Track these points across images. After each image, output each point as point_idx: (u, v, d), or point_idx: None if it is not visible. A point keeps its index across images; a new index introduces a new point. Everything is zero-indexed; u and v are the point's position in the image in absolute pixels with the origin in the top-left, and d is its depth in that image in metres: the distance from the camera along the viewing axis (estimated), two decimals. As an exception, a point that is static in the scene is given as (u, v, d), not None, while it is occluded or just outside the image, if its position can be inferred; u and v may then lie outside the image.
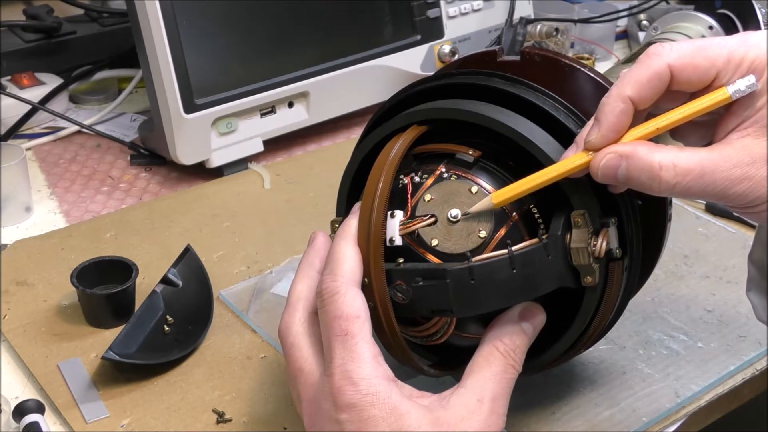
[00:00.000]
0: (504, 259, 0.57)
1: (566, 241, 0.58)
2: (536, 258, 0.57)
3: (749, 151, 0.53)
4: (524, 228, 0.59)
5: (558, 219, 0.58)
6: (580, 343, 0.64)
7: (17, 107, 1.07)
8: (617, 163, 0.55)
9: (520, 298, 0.59)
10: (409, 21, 1.11)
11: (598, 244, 0.57)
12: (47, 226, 0.93)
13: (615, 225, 0.59)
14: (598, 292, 0.60)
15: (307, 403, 0.58)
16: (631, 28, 1.34)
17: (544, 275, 0.58)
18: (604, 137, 0.55)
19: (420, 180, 0.61)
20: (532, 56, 0.65)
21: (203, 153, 0.99)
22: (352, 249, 0.59)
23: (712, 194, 0.54)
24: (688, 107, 0.55)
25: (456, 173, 0.61)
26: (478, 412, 0.56)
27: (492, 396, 0.56)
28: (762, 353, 0.76)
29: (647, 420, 0.70)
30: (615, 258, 0.59)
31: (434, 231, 0.59)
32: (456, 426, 0.55)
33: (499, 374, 0.57)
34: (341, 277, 0.57)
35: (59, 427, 0.69)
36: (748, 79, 0.53)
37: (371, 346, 0.56)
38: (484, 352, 0.58)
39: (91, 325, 0.78)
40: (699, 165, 0.53)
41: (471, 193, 0.60)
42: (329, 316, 0.56)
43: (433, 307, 0.58)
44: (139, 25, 0.92)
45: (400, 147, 0.61)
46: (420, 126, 0.63)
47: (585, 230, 0.57)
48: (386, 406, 0.54)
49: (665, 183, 0.54)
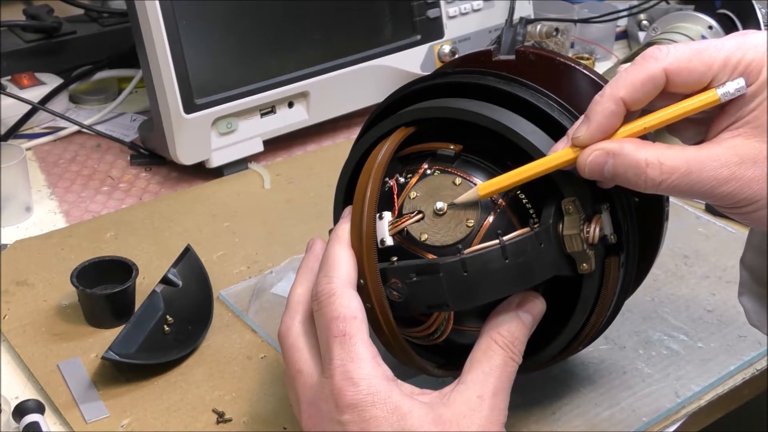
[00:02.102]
0: (496, 249, 0.57)
1: (559, 229, 0.58)
2: (528, 246, 0.57)
3: (737, 151, 0.53)
4: (512, 214, 0.60)
5: (549, 207, 0.58)
6: (579, 338, 0.64)
7: (17, 107, 1.07)
8: (604, 160, 0.55)
9: (516, 288, 0.59)
10: (409, 21, 1.11)
11: (591, 230, 0.58)
12: (47, 226, 0.93)
13: (607, 211, 0.59)
14: (596, 280, 0.60)
15: (306, 405, 0.58)
16: (631, 28, 1.34)
17: (538, 264, 0.58)
18: (592, 136, 0.56)
19: (405, 180, 0.62)
20: (527, 55, 0.65)
21: (203, 153, 0.99)
22: (346, 251, 0.59)
23: (698, 193, 0.54)
24: (677, 107, 0.55)
25: (438, 168, 0.61)
26: (480, 408, 0.56)
27: (493, 391, 0.56)
28: (762, 353, 0.76)
29: (647, 420, 0.70)
30: (610, 244, 0.60)
31: (423, 226, 0.60)
32: (458, 423, 0.55)
33: (498, 368, 0.57)
34: (337, 279, 0.58)
35: (59, 427, 0.69)
36: (737, 82, 0.53)
37: (370, 347, 0.56)
38: (482, 346, 0.58)
39: (91, 325, 0.78)
40: (685, 163, 0.54)
41: (455, 185, 0.60)
42: (326, 318, 0.57)
43: (429, 303, 0.58)
44: (139, 25, 0.92)
45: (387, 149, 0.62)
46: (408, 127, 0.63)
47: (576, 217, 0.58)
48: (388, 405, 0.54)
49: (651, 180, 0.54)
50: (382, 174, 0.61)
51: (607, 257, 0.60)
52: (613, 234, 0.60)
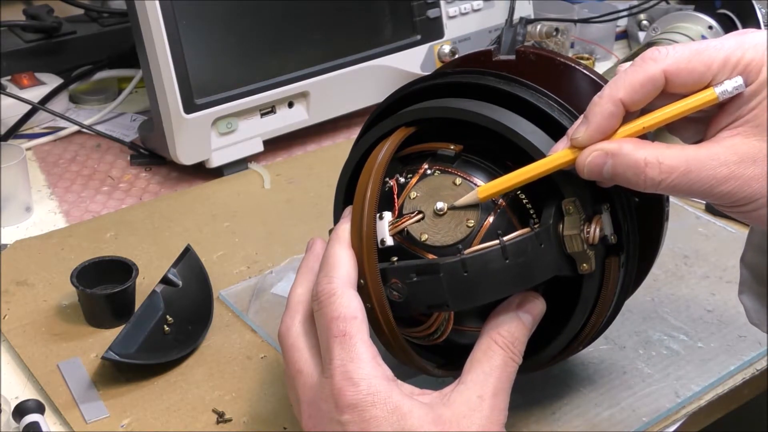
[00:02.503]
0: (496, 249, 0.57)
1: (559, 230, 0.58)
2: (529, 247, 0.57)
3: (736, 150, 0.53)
4: (513, 214, 0.60)
5: (549, 208, 0.58)
6: (578, 339, 0.64)
7: (17, 107, 1.07)
8: (603, 161, 0.55)
9: (516, 288, 0.59)
10: (409, 21, 1.11)
11: (591, 231, 0.58)
12: (47, 226, 0.93)
13: (608, 211, 0.59)
14: (597, 280, 0.60)
15: (307, 405, 0.58)
16: (631, 28, 1.34)
17: (538, 264, 0.58)
18: (591, 137, 0.56)
19: (405, 180, 0.62)
20: (527, 55, 0.65)
21: (203, 153, 0.99)
22: (346, 252, 0.59)
23: (698, 192, 0.54)
24: (675, 106, 0.55)
25: (439, 168, 0.61)
26: (480, 408, 0.56)
27: (493, 391, 0.56)
28: (762, 353, 0.76)
29: (647, 420, 0.70)
30: (610, 244, 0.60)
31: (423, 226, 0.60)
32: (458, 424, 0.55)
33: (498, 368, 0.57)
34: (337, 279, 0.58)
35: (59, 427, 0.69)
36: (735, 81, 0.53)
37: (370, 347, 0.56)
38: (482, 346, 0.58)
39: (91, 325, 0.78)
40: (684, 162, 0.54)
41: (455, 185, 0.60)
42: (326, 318, 0.57)
43: (429, 302, 0.58)
44: (139, 25, 0.92)
45: (388, 149, 0.62)
46: (407, 127, 0.63)
47: (577, 217, 0.58)
48: (388, 405, 0.54)
49: (650, 179, 0.54)
50: (383, 174, 0.61)
51: (608, 257, 0.60)
52: (614, 234, 0.60)
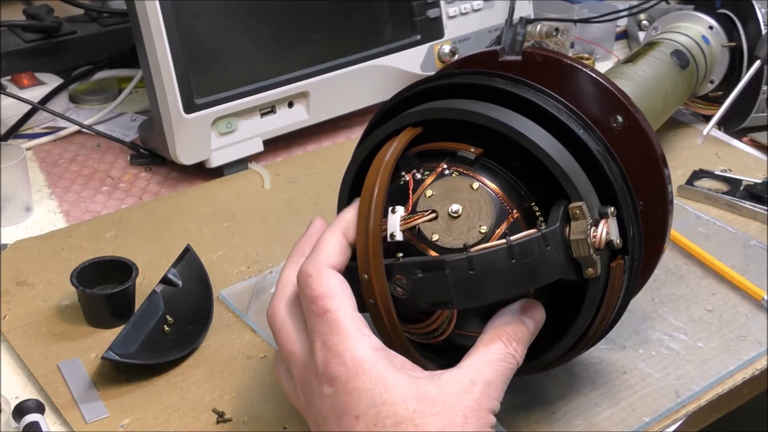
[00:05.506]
0: (503, 249, 0.57)
1: (566, 233, 0.58)
2: (535, 248, 0.57)
3: None
4: (525, 225, 0.59)
5: (556, 211, 0.58)
6: (582, 341, 0.64)
7: (17, 107, 1.07)
8: None
9: (521, 289, 0.59)
10: (409, 21, 1.11)
11: (597, 235, 0.58)
12: (47, 226, 0.93)
13: (614, 216, 0.59)
14: (601, 284, 0.60)
15: (301, 384, 0.58)
16: (631, 28, 1.34)
17: (543, 265, 0.57)
18: None
19: (422, 177, 0.61)
20: (533, 56, 0.65)
21: (203, 153, 0.99)
22: (334, 236, 0.60)
23: None
24: None
25: (457, 170, 0.61)
26: (470, 392, 0.55)
27: (487, 380, 0.56)
28: (762, 353, 0.76)
29: (647, 420, 0.70)
30: (616, 249, 0.59)
31: (435, 226, 0.59)
32: (444, 401, 0.54)
33: (497, 360, 0.57)
34: (316, 260, 0.58)
35: (59, 427, 0.69)
36: None
37: (353, 319, 0.56)
38: (485, 339, 0.58)
39: (91, 325, 0.78)
40: None
41: (472, 189, 0.60)
42: (307, 298, 0.57)
43: (433, 300, 0.58)
44: (139, 25, 0.92)
45: (396, 149, 0.61)
46: (415, 128, 0.63)
47: (583, 222, 0.57)
48: (371, 376, 0.54)
49: None
50: (390, 173, 0.60)
51: (613, 261, 0.60)
52: (619, 239, 0.59)
